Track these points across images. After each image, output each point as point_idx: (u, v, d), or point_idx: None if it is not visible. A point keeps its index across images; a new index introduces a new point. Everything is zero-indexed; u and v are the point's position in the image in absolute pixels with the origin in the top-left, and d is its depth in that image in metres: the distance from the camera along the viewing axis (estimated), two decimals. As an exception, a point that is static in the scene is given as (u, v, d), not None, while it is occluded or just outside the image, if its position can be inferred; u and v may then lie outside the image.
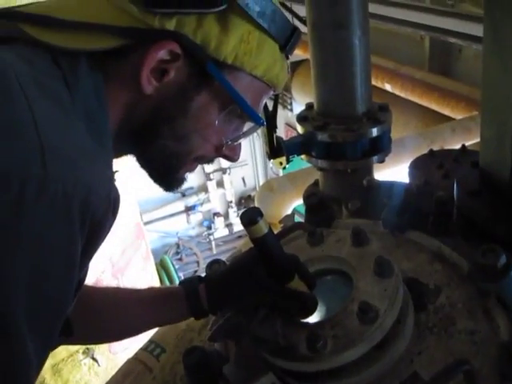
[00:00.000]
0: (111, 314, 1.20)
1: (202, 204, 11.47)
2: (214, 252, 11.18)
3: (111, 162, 0.91)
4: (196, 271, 10.52)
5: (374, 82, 5.53)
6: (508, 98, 1.18)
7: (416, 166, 1.96)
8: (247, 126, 1.08)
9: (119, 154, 0.99)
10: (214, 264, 1.27)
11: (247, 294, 1.08)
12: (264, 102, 1.08)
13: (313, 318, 1.07)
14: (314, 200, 1.44)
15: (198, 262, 10.86)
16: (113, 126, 0.91)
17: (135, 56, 0.89)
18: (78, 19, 0.87)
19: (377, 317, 0.97)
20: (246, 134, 1.08)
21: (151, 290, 1.31)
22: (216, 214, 11.67)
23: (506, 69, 1.17)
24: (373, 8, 5.29)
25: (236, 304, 1.10)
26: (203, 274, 1.25)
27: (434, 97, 4.94)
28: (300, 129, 2.16)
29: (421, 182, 1.81)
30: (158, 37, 0.88)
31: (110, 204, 0.77)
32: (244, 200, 11.93)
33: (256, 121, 1.02)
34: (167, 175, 1.04)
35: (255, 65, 0.97)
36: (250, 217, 0.97)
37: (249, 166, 11.60)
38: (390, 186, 1.59)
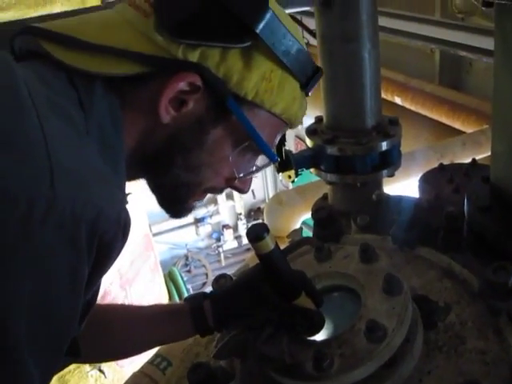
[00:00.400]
0: (117, 333, 1.19)
1: (211, 216, 11.47)
2: (223, 264, 11.16)
3: (124, 186, 0.90)
4: (205, 283, 10.51)
5: (383, 95, 5.53)
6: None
7: (426, 180, 1.95)
8: (260, 159, 1.06)
9: (131, 178, 0.97)
10: (220, 279, 1.26)
11: (253, 311, 1.06)
12: (279, 138, 1.06)
13: (320, 336, 1.05)
14: (323, 214, 1.41)
15: (206, 274, 10.84)
16: (127, 152, 0.90)
17: (155, 84, 0.88)
18: (100, 42, 0.86)
19: (385, 336, 0.95)
20: (258, 170, 1.07)
21: (156, 307, 1.29)
22: (225, 226, 11.67)
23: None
24: (383, 21, 5.30)
25: (242, 321, 1.08)
26: (210, 287, 1.24)
27: (444, 110, 4.92)
28: (309, 142, 2.15)
29: (431, 197, 1.79)
30: (180, 67, 0.87)
31: (120, 227, 0.75)
32: (253, 212, 11.90)
33: (271, 158, 1.02)
34: (176, 204, 1.02)
35: (275, 102, 0.96)
36: (257, 233, 0.95)
37: (258, 179, 11.58)
38: (400, 200, 1.56)
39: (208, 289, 1.52)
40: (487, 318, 1.08)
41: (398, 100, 5.43)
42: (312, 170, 2.20)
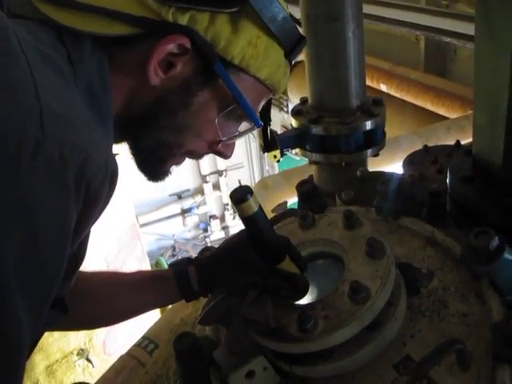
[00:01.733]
0: (103, 299, 1.20)
1: (198, 206, 11.49)
2: (210, 255, 11.19)
3: (111, 142, 0.92)
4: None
5: (369, 83, 5.56)
6: (500, 82, 1.18)
7: (410, 161, 1.97)
8: (243, 125, 1.09)
9: (116, 141, 0.99)
10: (205, 251, 1.27)
11: (237, 275, 1.07)
12: (262, 104, 1.09)
13: (304, 301, 1.06)
14: (307, 187, 1.43)
15: None
16: (113, 111, 0.92)
17: (144, 46, 0.90)
18: (91, 3, 0.87)
19: (368, 297, 0.97)
20: (242, 134, 1.10)
21: (141, 273, 1.31)
22: (212, 217, 11.70)
23: (497, 52, 1.17)
24: (368, 9, 5.33)
25: (226, 285, 1.09)
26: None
27: (429, 97, 4.98)
28: (294, 122, 2.17)
29: (415, 175, 1.81)
30: (170, 30, 0.89)
31: (107, 174, 0.76)
32: (240, 203, 11.96)
33: (255, 122, 1.05)
34: (155, 165, 1.04)
35: (260, 68, 0.99)
36: (240, 195, 0.97)
37: (245, 169, 11.63)
38: (384, 175, 1.58)
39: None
40: (469, 283, 1.11)
41: (383, 87, 5.48)
42: (297, 150, 2.22)
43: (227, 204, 11.70)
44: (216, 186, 11.51)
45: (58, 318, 0.94)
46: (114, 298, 1.20)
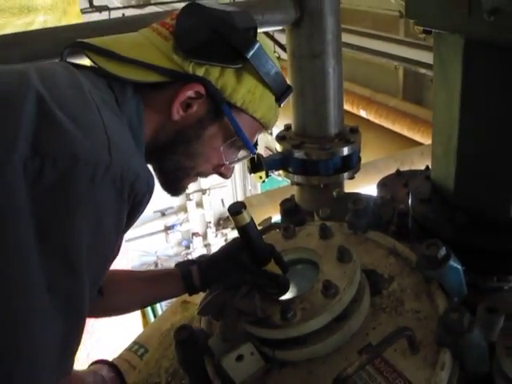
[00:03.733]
0: (124, 290, 1.42)
1: (181, 224, 11.62)
2: (192, 272, 11.25)
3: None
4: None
5: (350, 109, 5.82)
6: (452, 118, 1.41)
7: (384, 184, 2.18)
8: (241, 152, 1.36)
9: None
10: (202, 257, 1.49)
11: (231, 274, 1.30)
12: (257, 136, 1.36)
13: (285, 297, 1.28)
14: (289, 204, 1.66)
15: None
16: (144, 140, 1.18)
17: (170, 90, 1.18)
18: (131, 57, 1.16)
19: (337, 293, 1.19)
20: (240, 159, 1.37)
21: (152, 271, 1.56)
22: (195, 234, 11.84)
23: (449, 93, 1.41)
24: (351, 39, 5.60)
25: (222, 282, 1.31)
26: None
27: (406, 123, 5.25)
28: (279, 147, 2.41)
29: (387, 197, 2.03)
30: (190, 79, 1.18)
31: (148, 190, 1.02)
32: (222, 221, 12.12)
33: (251, 151, 1.33)
34: (175, 183, 1.31)
35: (256, 110, 1.27)
36: (236, 208, 1.21)
37: (228, 188, 11.81)
38: (356, 195, 1.81)
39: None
40: (422, 285, 1.32)
41: (363, 113, 5.72)
42: (281, 171, 2.46)
43: (210, 222, 11.86)
44: (199, 204, 11.68)
45: (97, 297, 1.17)
46: (132, 289, 1.42)
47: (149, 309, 8.44)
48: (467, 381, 1.16)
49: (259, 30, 1.29)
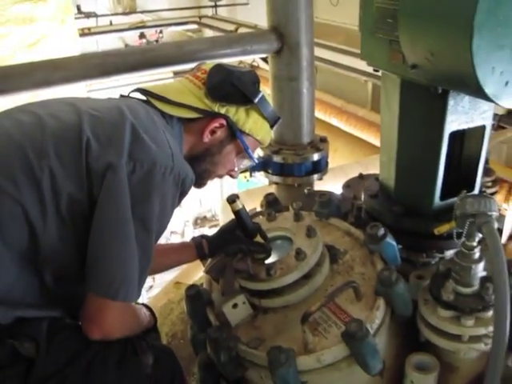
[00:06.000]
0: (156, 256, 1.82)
1: (159, 222, 11.72)
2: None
3: None
4: (151, 286, 10.83)
5: (323, 117, 6.22)
6: (392, 136, 1.89)
7: (347, 185, 2.59)
8: (246, 161, 1.88)
9: None
10: (204, 235, 1.96)
11: (231, 245, 1.79)
12: (256, 150, 1.98)
13: (269, 260, 1.75)
14: (272, 197, 2.14)
15: (153, 278, 11.11)
16: (183, 153, 1.68)
17: (202, 122, 1.72)
18: (177, 100, 1.69)
19: (305, 257, 1.66)
20: (245, 166, 1.90)
21: (173, 243, 2.15)
22: (173, 233, 11.94)
23: (391, 117, 1.89)
24: (326, 54, 6.00)
25: (224, 250, 1.80)
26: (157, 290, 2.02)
27: (373, 132, 5.71)
28: (261, 152, 2.86)
29: (348, 195, 2.45)
30: (216, 115, 1.72)
31: (192, 183, 1.59)
32: (200, 220, 12.28)
33: (254, 161, 1.88)
34: (200, 181, 1.80)
35: (257, 134, 1.81)
36: (232, 198, 1.74)
37: (206, 191, 11.89)
38: (322, 192, 2.27)
39: (155, 291, 2.19)
40: (367, 256, 1.79)
41: (334, 121, 6.11)
42: (262, 173, 2.93)
43: (187, 221, 12.02)
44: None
45: None
46: (161, 256, 1.83)
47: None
48: (397, 322, 1.63)
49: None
